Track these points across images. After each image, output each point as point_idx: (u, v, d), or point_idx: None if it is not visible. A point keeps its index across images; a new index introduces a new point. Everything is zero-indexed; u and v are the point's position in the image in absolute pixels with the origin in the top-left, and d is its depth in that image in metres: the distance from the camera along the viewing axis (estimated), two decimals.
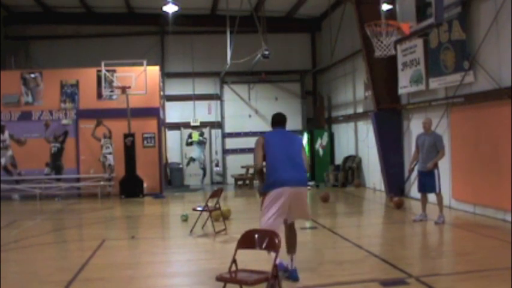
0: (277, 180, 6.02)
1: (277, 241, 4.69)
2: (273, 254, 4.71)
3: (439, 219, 9.51)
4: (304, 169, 6.25)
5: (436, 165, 9.52)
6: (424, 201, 9.96)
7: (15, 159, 16.52)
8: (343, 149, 18.51)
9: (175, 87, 20.39)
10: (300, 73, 21.01)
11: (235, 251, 4.82)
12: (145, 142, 16.80)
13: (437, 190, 9.62)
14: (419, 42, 12.28)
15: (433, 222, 9.58)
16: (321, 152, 19.08)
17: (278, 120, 6.60)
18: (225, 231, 9.44)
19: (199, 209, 9.59)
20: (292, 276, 6.11)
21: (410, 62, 12.88)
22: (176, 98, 20.35)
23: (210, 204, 9.67)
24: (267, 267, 4.59)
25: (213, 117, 20.68)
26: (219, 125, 20.72)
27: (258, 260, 5.01)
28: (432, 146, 9.55)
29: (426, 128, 9.78)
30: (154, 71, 16.94)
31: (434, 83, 11.73)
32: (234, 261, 4.74)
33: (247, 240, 4.89)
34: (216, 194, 9.65)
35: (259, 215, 6.16)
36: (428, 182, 9.62)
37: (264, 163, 6.28)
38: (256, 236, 4.87)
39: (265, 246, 4.77)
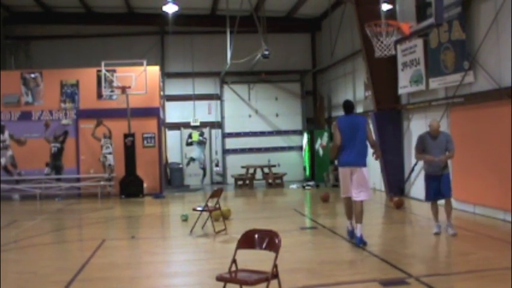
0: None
1: (277, 241, 4.69)
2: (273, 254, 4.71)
3: (451, 229, 8.42)
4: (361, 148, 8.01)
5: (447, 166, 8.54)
6: (436, 210, 8.64)
7: (15, 159, 16.52)
8: None
9: (175, 87, 20.39)
10: (300, 73, 21.00)
11: (235, 251, 4.82)
12: (145, 142, 16.81)
13: (451, 194, 8.56)
14: (419, 42, 12.28)
15: (438, 238, 8.50)
16: (321, 152, 19.07)
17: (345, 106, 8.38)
18: (225, 231, 9.44)
19: (199, 209, 9.59)
20: (357, 240, 7.86)
21: (410, 62, 12.88)
22: (176, 98, 20.35)
23: (210, 204, 9.67)
24: (267, 267, 4.59)
25: (213, 117, 20.68)
26: (219, 125, 20.72)
27: (258, 260, 5.01)
28: (445, 148, 8.40)
29: (435, 131, 8.42)
30: (154, 71, 16.96)
31: (434, 83, 11.73)
32: (234, 261, 4.74)
33: (247, 240, 4.89)
34: (216, 194, 9.65)
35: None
36: (445, 186, 8.40)
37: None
38: (256, 236, 4.87)
39: (265, 246, 4.77)
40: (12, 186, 16.17)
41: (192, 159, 20.36)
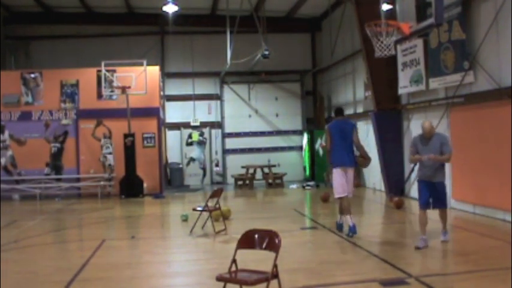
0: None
1: (277, 241, 4.69)
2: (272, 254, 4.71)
3: (445, 235, 8.05)
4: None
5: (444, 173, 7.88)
6: (425, 220, 7.82)
7: (15, 159, 16.52)
8: None
9: (175, 87, 20.40)
10: (300, 73, 21.01)
11: (235, 251, 4.82)
12: (145, 142, 16.81)
13: (448, 205, 8.17)
14: (419, 42, 12.27)
15: (438, 239, 8.12)
16: (321, 152, 19.07)
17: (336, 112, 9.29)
18: (225, 231, 9.44)
19: (199, 209, 9.59)
20: (351, 229, 8.57)
21: (410, 62, 12.88)
22: (176, 98, 20.36)
23: (210, 204, 9.67)
24: (267, 267, 4.59)
25: (213, 117, 20.68)
26: (219, 125, 20.72)
27: (258, 260, 5.01)
28: (439, 152, 7.67)
29: (427, 133, 7.73)
30: (154, 71, 16.96)
31: (434, 83, 11.73)
32: (234, 261, 4.74)
33: (247, 240, 4.89)
34: (216, 194, 9.65)
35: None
36: (438, 196, 7.80)
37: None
38: (256, 236, 4.87)
39: (265, 246, 4.77)
40: (12, 186, 16.17)
41: (192, 159, 20.36)
